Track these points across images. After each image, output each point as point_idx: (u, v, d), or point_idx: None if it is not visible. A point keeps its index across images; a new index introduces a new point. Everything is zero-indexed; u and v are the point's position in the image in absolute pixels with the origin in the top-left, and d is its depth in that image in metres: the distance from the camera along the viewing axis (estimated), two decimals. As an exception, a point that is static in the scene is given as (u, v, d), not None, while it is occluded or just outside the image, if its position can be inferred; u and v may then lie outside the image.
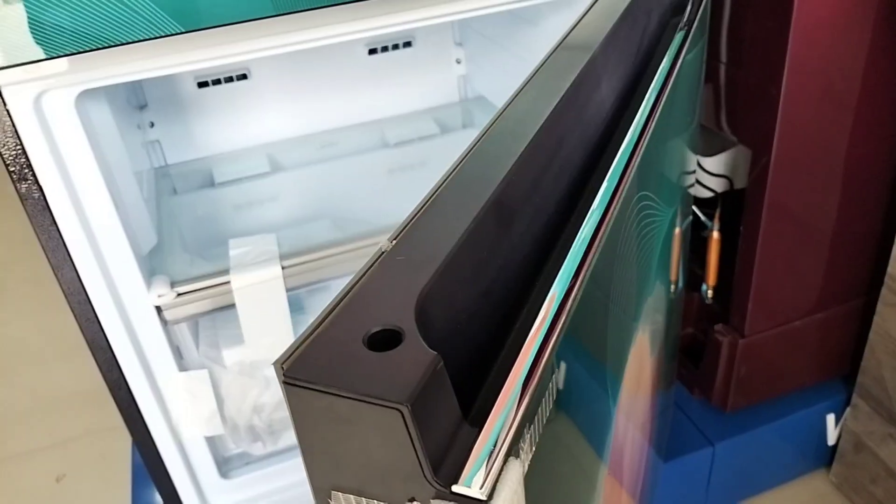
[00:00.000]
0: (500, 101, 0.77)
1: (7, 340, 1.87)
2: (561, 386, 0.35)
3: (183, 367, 0.89)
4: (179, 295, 0.85)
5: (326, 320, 0.26)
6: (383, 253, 0.31)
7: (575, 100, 0.49)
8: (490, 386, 0.28)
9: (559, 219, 0.42)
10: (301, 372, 0.24)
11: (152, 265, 0.88)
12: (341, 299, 0.27)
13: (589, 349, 0.45)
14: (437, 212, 0.34)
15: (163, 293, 0.83)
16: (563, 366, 0.35)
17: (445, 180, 0.37)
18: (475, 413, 0.27)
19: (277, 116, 1.20)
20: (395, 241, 0.31)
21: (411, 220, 0.33)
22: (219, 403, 0.91)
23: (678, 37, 0.77)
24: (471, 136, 0.50)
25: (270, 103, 1.19)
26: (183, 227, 1.10)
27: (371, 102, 1.25)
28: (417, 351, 0.24)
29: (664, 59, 0.74)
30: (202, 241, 1.09)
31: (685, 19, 0.79)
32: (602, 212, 0.44)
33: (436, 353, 0.24)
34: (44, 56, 0.63)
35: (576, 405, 0.42)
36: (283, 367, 0.25)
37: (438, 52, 1.26)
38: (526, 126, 0.41)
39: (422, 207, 0.34)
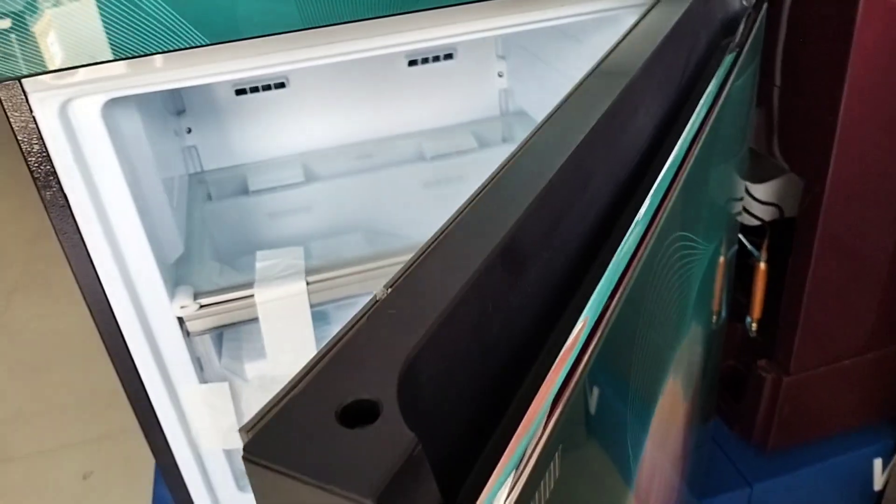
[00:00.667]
0: (540, 117, 0.75)
1: (51, 334, 1.90)
2: (592, 411, 0.32)
3: (204, 379, 0.88)
4: (203, 307, 0.83)
5: (298, 386, 0.23)
6: (376, 303, 0.28)
7: (607, 131, 0.45)
8: (484, 462, 0.25)
9: (581, 261, 0.39)
10: (263, 448, 0.21)
11: (178, 275, 0.87)
12: (319, 360, 0.24)
13: (619, 377, 0.42)
14: (440, 255, 0.31)
15: (185, 304, 0.82)
16: (594, 390, 0.32)
17: (456, 218, 0.34)
18: (464, 495, 0.24)
19: (315, 125, 1.19)
20: (390, 289, 0.29)
21: (411, 266, 0.30)
22: (238, 417, 0.90)
23: (728, 59, 0.73)
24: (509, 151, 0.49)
25: (308, 112, 1.18)
26: (214, 235, 1.09)
27: (409, 114, 1.23)
28: (394, 430, 0.21)
29: (711, 83, 0.70)
30: (232, 250, 1.09)
31: (736, 40, 0.75)
32: (632, 250, 0.40)
33: (413, 434, 0.21)
34: (111, 57, 0.61)
35: (604, 432, 0.38)
36: (246, 437, 0.22)
37: (480, 65, 1.23)
38: (551, 160, 0.38)
39: (425, 250, 0.31)
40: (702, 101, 0.66)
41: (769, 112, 0.95)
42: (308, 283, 0.85)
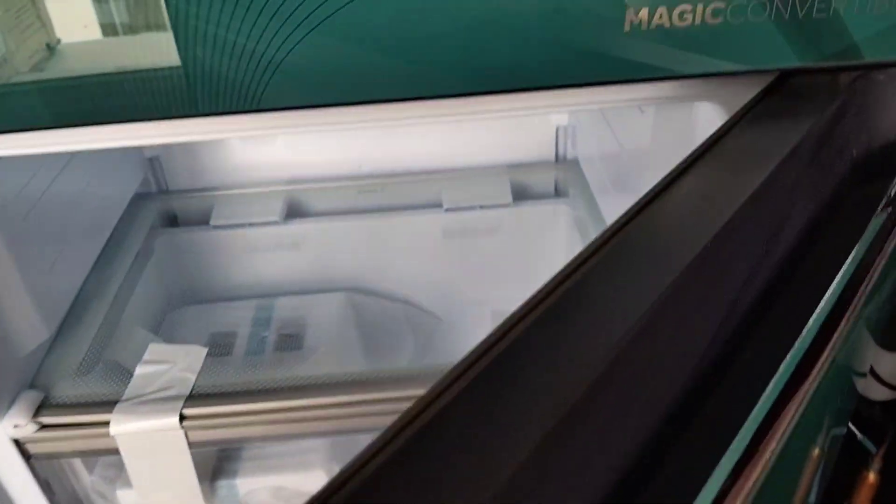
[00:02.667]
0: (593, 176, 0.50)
1: None
2: None
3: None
4: (45, 427, 0.62)
5: None
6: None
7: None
8: None
9: None
10: None
11: (42, 369, 0.66)
12: None
13: None
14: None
15: (20, 424, 0.61)
16: None
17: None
18: None
19: (309, 148, 0.93)
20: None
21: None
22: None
23: (875, 222, 0.41)
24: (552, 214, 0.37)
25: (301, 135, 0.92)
26: (165, 277, 0.88)
27: (432, 145, 0.94)
28: None
29: (852, 253, 0.39)
30: (153, 310, 0.87)
31: (891, 195, 0.42)
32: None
33: None
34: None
35: None
36: None
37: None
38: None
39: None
40: (837, 281, 0.37)
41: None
42: (183, 420, 0.62)
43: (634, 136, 0.72)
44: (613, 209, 0.82)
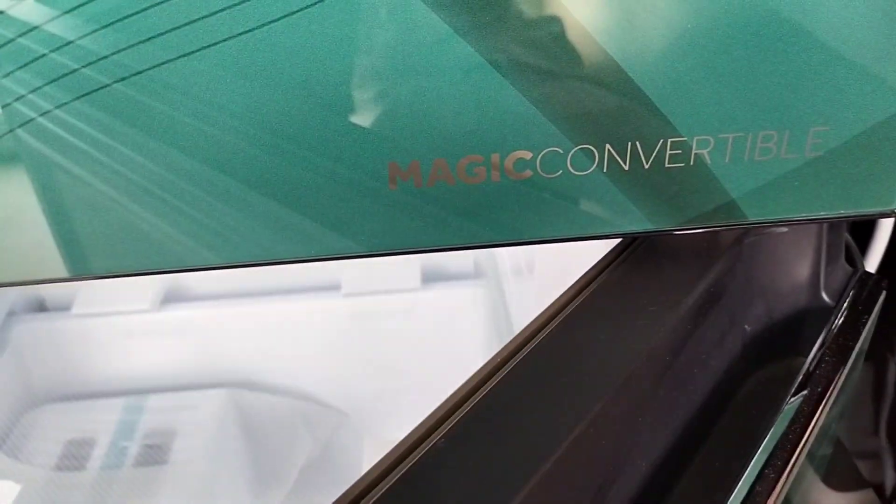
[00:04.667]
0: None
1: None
2: None
3: None
4: None
5: None
6: None
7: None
8: None
9: None
10: None
11: None
12: None
13: None
14: None
15: None
16: None
17: None
18: None
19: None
20: None
21: None
22: None
23: (788, 409, 0.31)
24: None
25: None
26: (4, 373, 0.76)
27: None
28: None
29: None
30: (5, 409, 0.75)
31: (809, 371, 0.32)
32: None
33: None
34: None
35: None
36: None
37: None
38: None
39: None
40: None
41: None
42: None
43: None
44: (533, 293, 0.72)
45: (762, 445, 0.30)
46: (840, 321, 0.33)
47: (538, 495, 0.23)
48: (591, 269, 0.31)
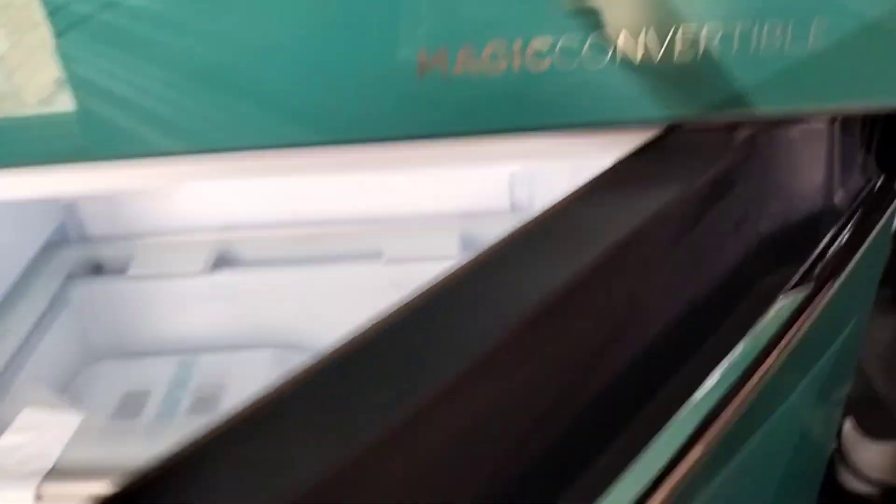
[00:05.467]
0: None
1: None
2: None
3: None
4: None
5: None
6: None
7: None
8: None
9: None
10: None
11: None
12: None
13: None
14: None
15: None
16: None
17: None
18: None
19: (239, 193, 0.86)
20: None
21: None
22: None
23: (785, 304, 0.33)
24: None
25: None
26: (64, 331, 0.81)
27: (377, 192, 0.87)
28: None
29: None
30: (65, 364, 0.80)
31: (805, 270, 0.33)
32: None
33: None
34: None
35: None
36: None
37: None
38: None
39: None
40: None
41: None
42: (40, 499, 0.54)
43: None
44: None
45: (752, 335, 0.31)
46: (849, 224, 0.34)
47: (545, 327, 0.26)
48: (609, 167, 0.33)
